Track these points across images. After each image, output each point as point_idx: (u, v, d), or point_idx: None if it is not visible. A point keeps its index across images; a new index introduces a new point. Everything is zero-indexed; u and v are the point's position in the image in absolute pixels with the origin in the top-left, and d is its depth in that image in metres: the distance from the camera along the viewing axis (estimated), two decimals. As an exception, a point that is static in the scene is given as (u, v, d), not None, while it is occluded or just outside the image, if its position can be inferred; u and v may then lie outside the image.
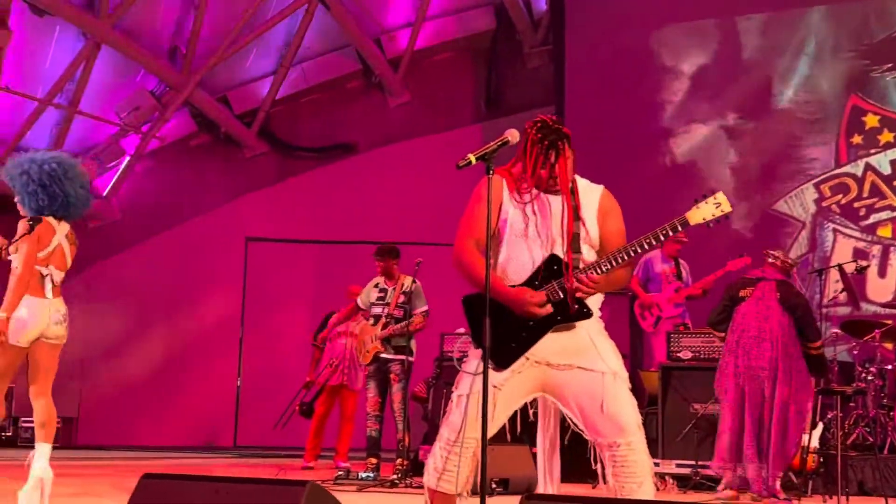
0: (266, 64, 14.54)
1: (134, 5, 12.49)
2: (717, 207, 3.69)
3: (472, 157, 3.54)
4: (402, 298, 8.57)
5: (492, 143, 3.62)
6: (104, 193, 14.53)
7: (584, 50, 12.78)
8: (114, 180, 14.46)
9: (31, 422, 12.87)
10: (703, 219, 3.68)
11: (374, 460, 8.52)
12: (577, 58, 12.79)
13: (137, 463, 10.52)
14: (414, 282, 8.53)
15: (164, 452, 12.72)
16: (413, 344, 8.56)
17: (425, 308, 8.57)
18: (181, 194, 14.86)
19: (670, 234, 3.64)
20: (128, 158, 14.38)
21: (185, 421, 14.11)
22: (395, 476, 7.95)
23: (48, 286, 5.34)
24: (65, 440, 13.44)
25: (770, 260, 7.02)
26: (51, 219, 5.37)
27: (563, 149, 3.72)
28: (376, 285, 8.77)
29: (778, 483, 6.78)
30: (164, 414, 14.05)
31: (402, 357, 8.44)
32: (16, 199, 5.43)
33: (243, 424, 14.23)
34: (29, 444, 12.65)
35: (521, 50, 14.68)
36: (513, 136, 3.70)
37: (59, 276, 5.43)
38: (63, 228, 5.43)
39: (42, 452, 5.39)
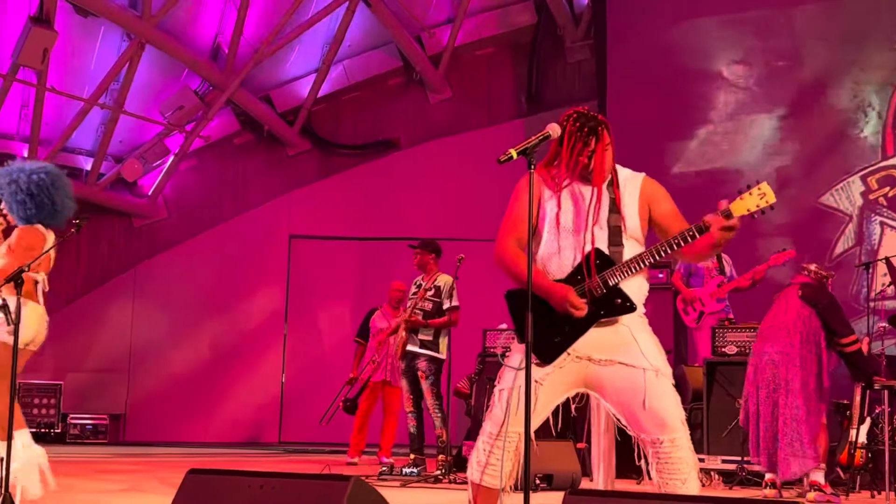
0: (308, 62, 14.61)
1: (177, 5, 12.61)
2: (761, 198, 3.60)
3: (514, 152, 3.53)
4: (431, 291, 8.61)
5: (533, 138, 3.60)
6: (149, 192, 14.68)
7: (627, 43, 12.70)
8: (159, 179, 14.60)
9: (80, 418, 13.15)
10: (748, 210, 3.60)
11: (413, 456, 8.55)
12: (619, 51, 12.71)
13: (183, 459, 10.62)
14: (456, 278, 8.51)
15: (209, 448, 12.85)
16: (444, 341, 8.55)
17: (453, 304, 8.57)
18: (225, 192, 14.98)
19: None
20: (172, 157, 14.51)
21: (230, 417, 14.22)
22: (437, 472, 7.97)
23: (40, 293, 5.47)
24: (112, 437, 13.62)
25: (804, 273, 7.09)
26: (41, 227, 5.50)
27: (602, 135, 3.71)
28: (415, 282, 8.86)
29: (820, 476, 6.74)
30: (209, 410, 14.18)
31: (427, 352, 8.47)
32: (2, 208, 5.55)
33: (288, 420, 14.32)
34: (78, 440, 12.90)
35: (562, 44, 14.61)
36: (554, 130, 3.69)
37: (45, 282, 5.55)
38: (51, 237, 5.54)
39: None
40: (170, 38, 12.99)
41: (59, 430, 13.05)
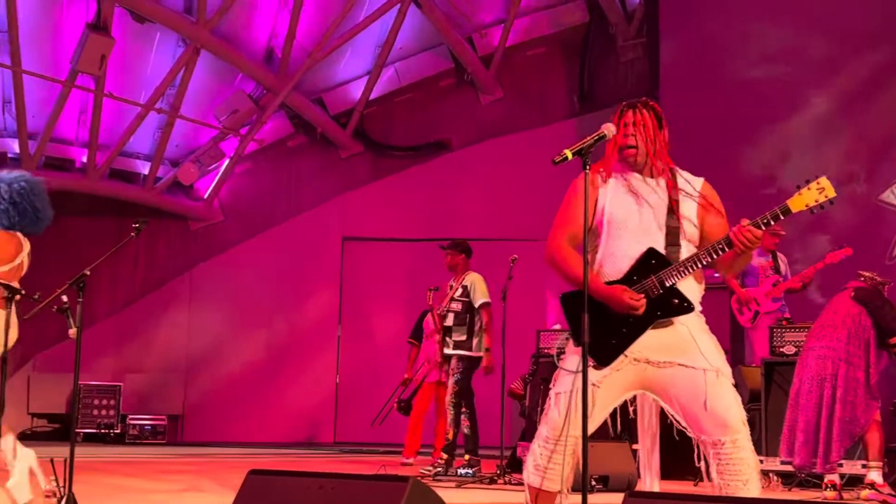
0: (360, 65, 14.68)
1: (231, 10, 12.74)
2: (820, 193, 3.55)
3: (569, 153, 3.50)
4: (459, 291, 8.66)
5: (588, 138, 3.58)
6: (205, 196, 14.85)
7: (680, 41, 12.59)
8: (214, 182, 14.77)
9: (139, 419, 13.34)
10: (806, 205, 3.55)
11: (468, 457, 8.58)
12: (672, 49, 12.60)
13: (240, 459, 10.73)
14: (510, 278, 8.52)
15: (266, 449, 12.96)
16: (477, 340, 8.59)
17: (483, 301, 8.61)
18: (279, 195, 15.10)
19: (772, 222, 3.53)
20: (227, 161, 14.67)
21: (286, 417, 14.34)
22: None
23: (11, 302, 5.56)
24: (170, 437, 13.80)
25: (860, 279, 7.07)
26: (20, 235, 5.60)
27: (640, 110, 3.70)
28: (450, 285, 8.94)
29: (877, 475, 6.68)
30: (265, 411, 14.30)
31: (459, 351, 8.57)
32: None
33: (342, 421, 14.40)
34: (137, 441, 13.09)
35: (614, 43, 14.54)
36: (609, 130, 3.67)
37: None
38: (27, 246, 5.64)
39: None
40: (224, 42, 13.13)
41: (118, 431, 13.25)
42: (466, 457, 8.57)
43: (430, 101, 15.09)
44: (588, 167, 3.55)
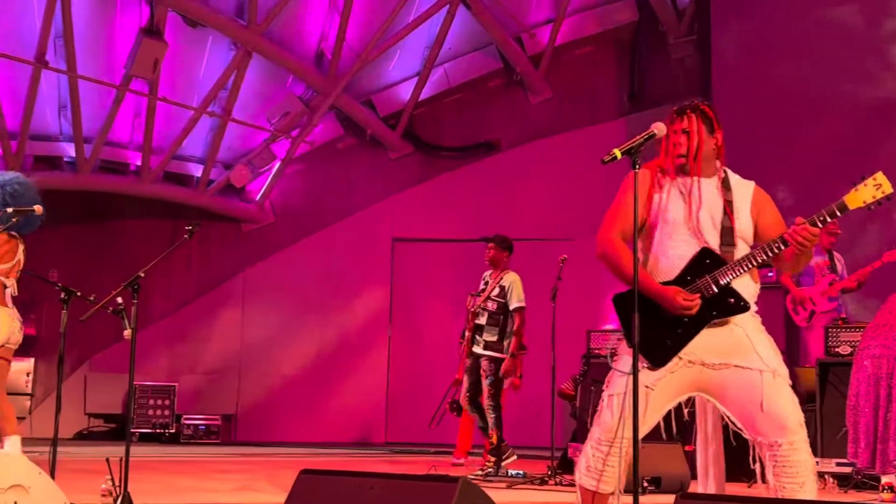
0: (409, 66, 14.71)
1: (281, 13, 12.84)
2: (877, 189, 3.52)
3: (618, 152, 3.49)
4: (496, 291, 8.61)
5: (638, 137, 3.57)
6: (257, 198, 14.98)
7: (732, 38, 12.45)
8: (266, 184, 14.89)
9: (194, 419, 13.47)
10: (864, 202, 3.51)
11: (513, 454, 8.57)
12: (725, 46, 12.47)
13: (293, 459, 10.80)
14: (559, 279, 8.48)
15: (318, 448, 13.03)
16: (508, 342, 8.53)
17: (518, 304, 8.54)
18: (330, 196, 15.18)
19: (828, 219, 3.49)
20: (279, 163, 14.78)
21: (338, 418, 14.41)
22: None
23: (8, 297, 5.65)
24: (224, 437, 13.93)
25: None
26: (15, 234, 5.70)
27: (689, 115, 3.69)
28: (483, 279, 8.91)
29: None
30: (317, 411, 14.39)
31: (489, 353, 8.54)
32: None
33: (393, 421, 14.45)
34: (191, 440, 13.23)
35: (665, 41, 14.41)
36: (659, 129, 3.66)
37: (15, 287, 5.73)
38: (23, 244, 5.73)
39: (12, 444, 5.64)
40: (275, 45, 13.23)
41: (173, 431, 13.40)
42: (514, 457, 8.57)
43: (480, 101, 15.08)
44: (638, 167, 3.54)
